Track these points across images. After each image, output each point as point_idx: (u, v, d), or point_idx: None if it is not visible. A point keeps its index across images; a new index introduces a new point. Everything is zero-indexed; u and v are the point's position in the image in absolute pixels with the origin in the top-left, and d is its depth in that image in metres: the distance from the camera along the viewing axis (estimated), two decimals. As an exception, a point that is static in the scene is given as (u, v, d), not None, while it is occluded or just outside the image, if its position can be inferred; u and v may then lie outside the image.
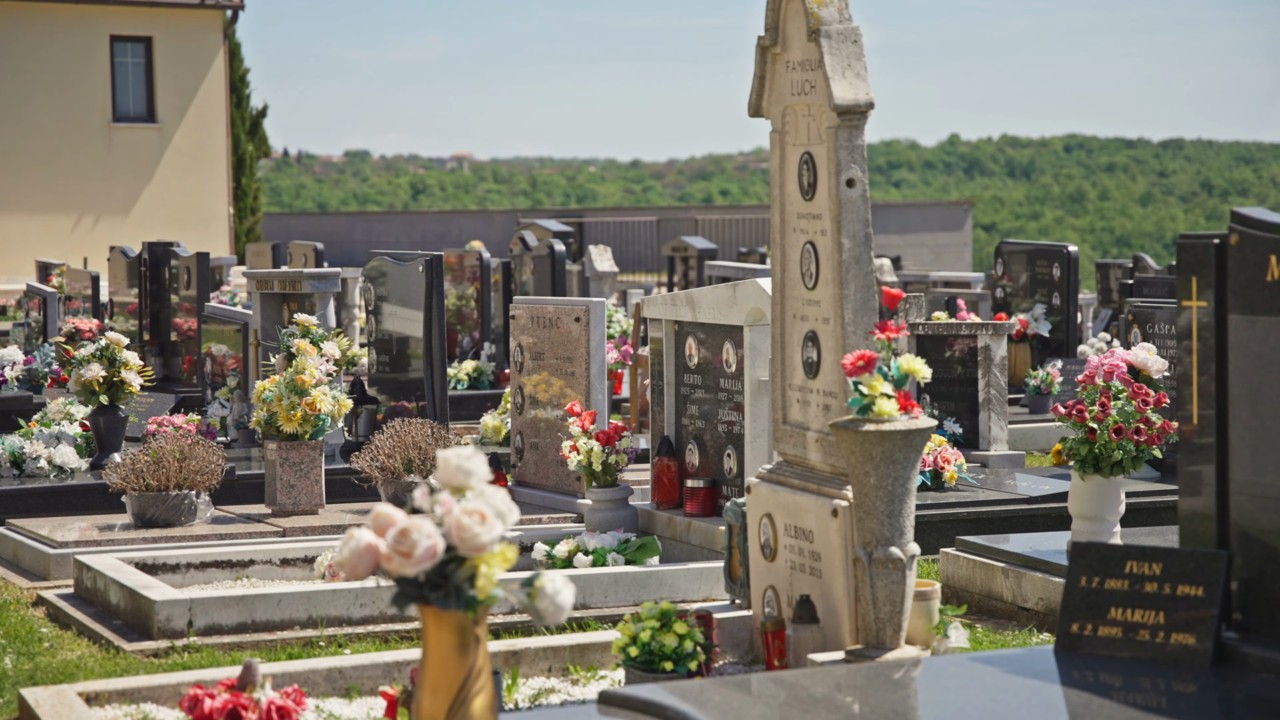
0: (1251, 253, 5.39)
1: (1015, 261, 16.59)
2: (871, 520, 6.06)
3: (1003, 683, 5.19)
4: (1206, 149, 76.95)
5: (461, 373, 15.35)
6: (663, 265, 29.98)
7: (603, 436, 8.95)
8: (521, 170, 79.22)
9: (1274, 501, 5.32)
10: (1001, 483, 9.98)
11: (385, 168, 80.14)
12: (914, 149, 79.19)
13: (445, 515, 4.18)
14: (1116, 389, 7.61)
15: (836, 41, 6.38)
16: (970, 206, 44.15)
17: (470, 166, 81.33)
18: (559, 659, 6.88)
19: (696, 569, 8.03)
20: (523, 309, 10.19)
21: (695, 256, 23.70)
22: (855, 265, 6.43)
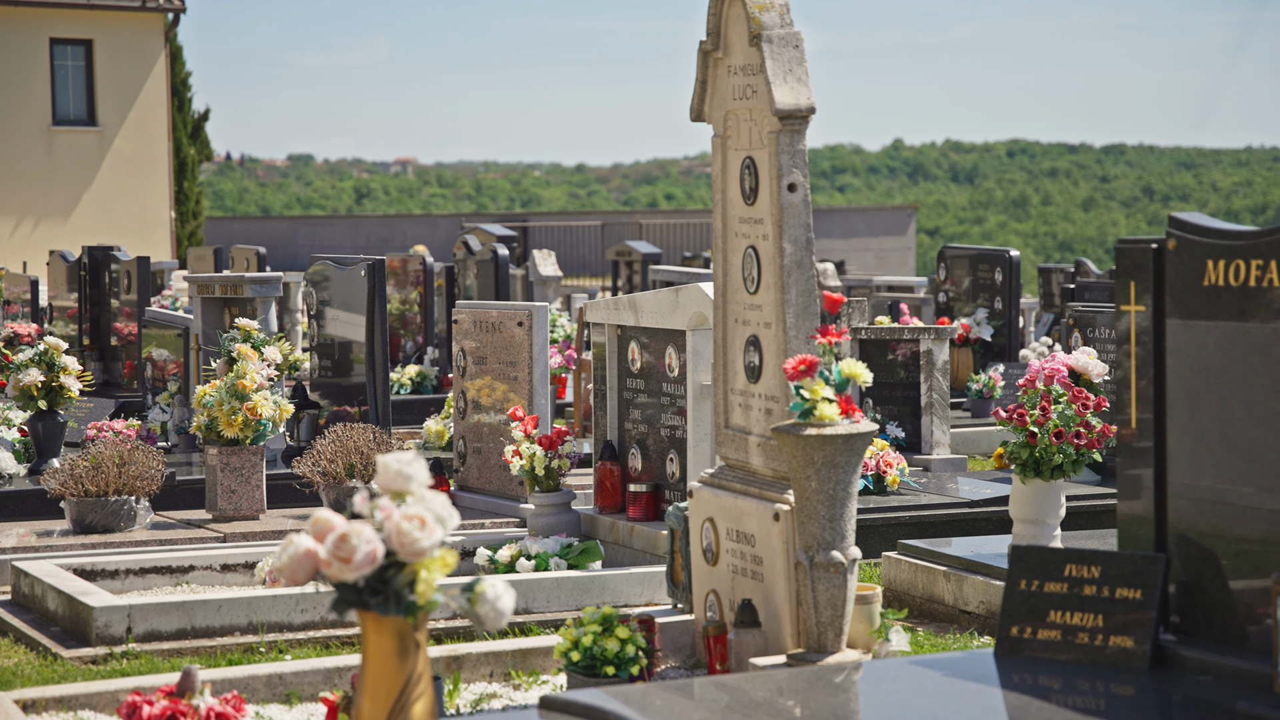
0: (1189, 257, 5.42)
1: (958, 266, 16.66)
2: (813, 524, 6.07)
3: (943, 686, 5.21)
4: (1148, 154, 77.47)
5: (405, 377, 15.31)
6: (607, 269, 29.99)
7: (545, 441, 8.93)
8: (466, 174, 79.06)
9: (1211, 504, 5.36)
10: (944, 486, 10.02)
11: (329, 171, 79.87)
12: (858, 154, 79.45)
13: (385, 520, 4.16)
14: (1057, 393, 7.65)
15: (778, 46, 6.39)
16: (914, 211, 44.33)
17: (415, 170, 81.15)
18: (501, 664, 6.86)
19: (639, 573, 8.03)
20: (466, 313, 10.17)
21: (640, 261, 23.70)
22: (797, 270, 6.44)
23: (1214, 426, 5.34)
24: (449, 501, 4.18)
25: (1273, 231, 5.18)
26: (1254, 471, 5.21)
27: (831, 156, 77.63)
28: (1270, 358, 5.16)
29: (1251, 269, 5.21)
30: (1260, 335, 5.19)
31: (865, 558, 8.87)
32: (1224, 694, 4.95)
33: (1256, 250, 5.20)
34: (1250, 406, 5.22)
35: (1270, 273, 5.16)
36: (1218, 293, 5.32)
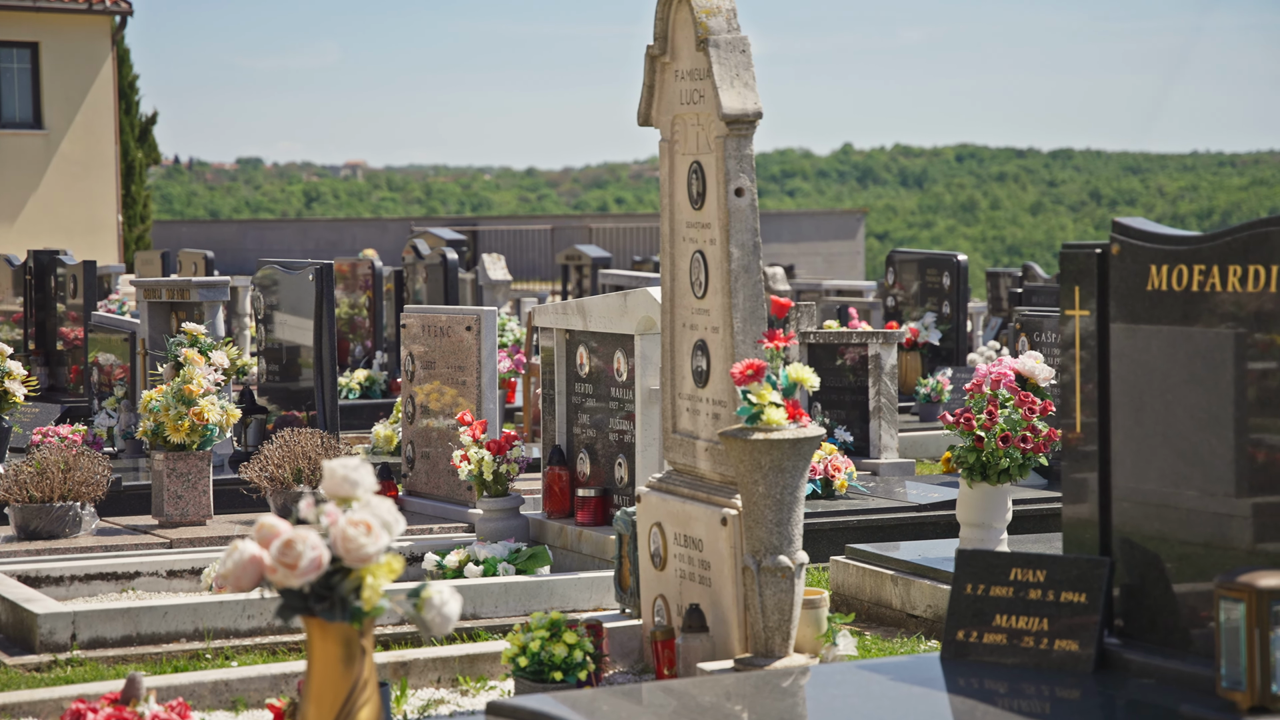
0: (1132, 262, 5.45)
1: (906, 270, 16.72)
2: (760, 529, 6.08)
3: (889, 690, 5.22)
4: (1095, 159, 77.88)
5: (353, 382, 15.26)
6: (557, 274, 29.97)
7: (494, 446, 8.92)
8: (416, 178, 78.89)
9: (1155, 508, 5.39)
10: (892, 490, 10.05)
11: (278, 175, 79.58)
12: (808, 158, 79.61)
13: (331, 526, 4.15)
14: (1004, 397, 7.69)
15: (725, 51, 6.40)
16: (863, 215, 44.46)
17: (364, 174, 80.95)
18: (448, 669, 6.85)
19: (587, 578, 8.03)
20: (414, 318, 10.15)
21: (589, 265, 23.70)
22: (744, 274, 6.45)
23: (1158, 430, 5.38)
24: (395, 507, 4.17)
25: (1215, 236, 5.22)
26: (1198, 475, 5.24)
27: (781, 161, 77.76)
28: (1213, 362, 5.20)
29: (1194, 274, 5.25)
30: (1203, 340, 5.22)
31: (813, 562, 8.89)
32: (1168, 696, 4.98)
33: (1199, 255, 5.23)
34: (1193, 410, 5.25)
35: (1212, 277, 5.19)
36: (1161, 297, 5.36)
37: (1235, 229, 5.16)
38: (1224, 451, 5.17)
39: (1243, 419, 5.11)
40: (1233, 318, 5.13)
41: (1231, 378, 5.14)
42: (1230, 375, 5.15)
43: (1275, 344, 5.01)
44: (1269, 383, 5.05)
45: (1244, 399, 5.11)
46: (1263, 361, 5.06)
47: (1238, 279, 5.12)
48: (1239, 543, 5.12)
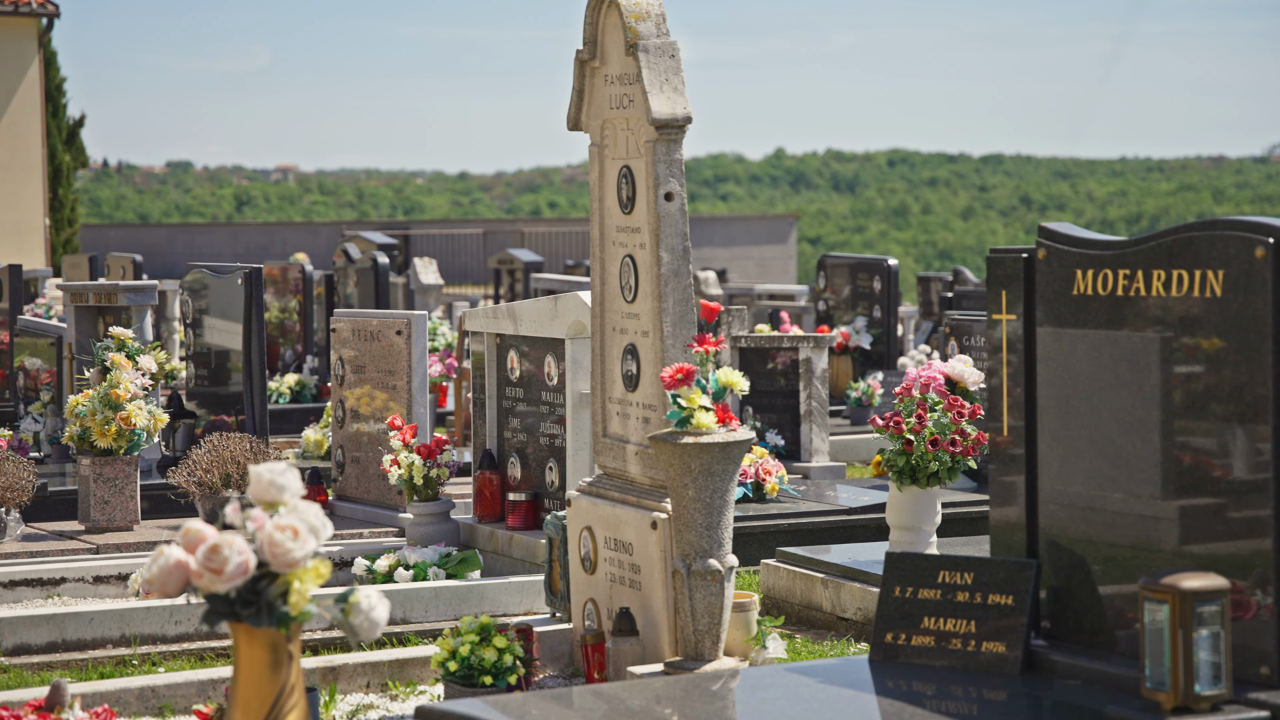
0: (1059, 267, 5.49)
1: (838, 275, 16.78)
2: (690, 532, 6.09)
3: (818, 693, 5.24)
4: (1026, 164, 78.38)
5: (284, 386, 15.19)
6: (489, 278, 29.92)
7: (424, 450, 8.90)
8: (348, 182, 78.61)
9: (1081, 510, 5.43)
10: (823, 494, 10.08)
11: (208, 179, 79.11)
12: (740, 162, 79.79)
13: (257, 531, 4.12)
14: (933, 401, 7.72)
15: (654, 56, 6.41)
16: (795, 220, 44.59)
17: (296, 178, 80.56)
18: (378, 674, 6.82)
19: (518, 582, 8.01)
20: (344, 322, 10.11)
21: (521, 269, 23.66)
22: (674, 278, 6.46)
23: (1084, 434, 5.42)
24: (322, 511, 4.16)
25: (1139, 242, 5.26)
26: (1123, 478, 5.29)
27: (714, 165, 77.91)
28: (1138, 366, 5.24)
29: (1119, 278, 5.29)
30: (1128, 344, 5.27)
31: (744, 565, 8.90)
32: (1093, 697, 5.02)
33: (1124, 260, 5.28)
34: (1119, 414, 5.29)
35: (1137, 282, 5.24)
36: (1087, 302, 5.40)
37: (1159, 234, 5.20)
38: (1150, 454, 5.22)
39: (1168, 422, 5.16)
40: (1158, 322, 5.18)
41: (1157, 381, 5.19)
42: (1156, 379, 5.19)
43: (1201, 348, 5.06)
44: (1194, 386, 5.09)
45: (1169, 402, 5.16)
46: (1188, 365, 5.11)
47: (1162, 284, 5.16)
48: (1165, 545, 5.17)
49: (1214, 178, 70.20)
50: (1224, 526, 5.02)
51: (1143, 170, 75.77)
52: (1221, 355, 5.01)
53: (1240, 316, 4.95)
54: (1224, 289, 4.99)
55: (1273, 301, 4.87)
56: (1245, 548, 4.94)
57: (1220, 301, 5.00)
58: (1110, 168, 77.23)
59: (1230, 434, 5.00)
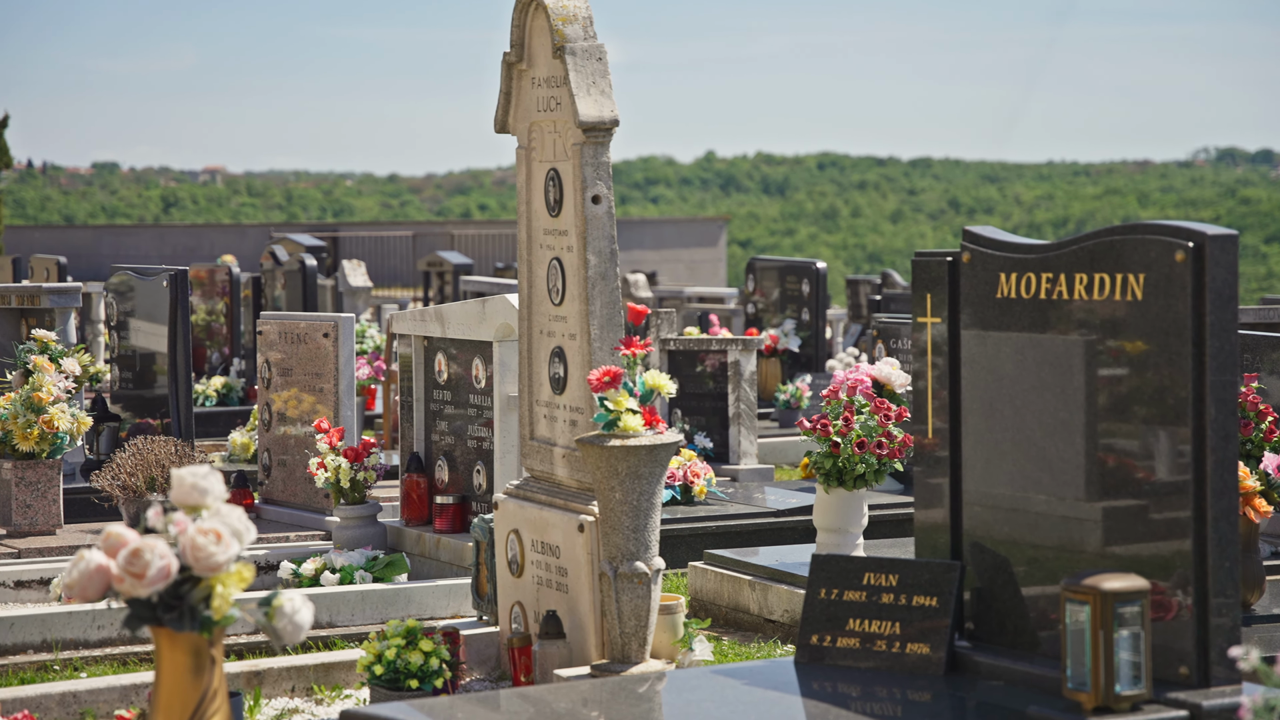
0: (983, 270, 5.53)
1: (767, 277, 16.83)
2: (617, 535, 6.09)
3: (743, 695, 5.25)
4: (954, 168, 78.79)
5: (210, 389, 15.09)
6: (419, 280, 29.83)
7: (351, 453, 8.86)
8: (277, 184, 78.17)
9: (1005, 512, 5.46)
10: (751, 496, 10.10)
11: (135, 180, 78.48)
12: (671, 165, 79.83)
13: (180, 535, 4.10)
14: (860, 403, 7.76)
15: (581, 59, 6.41)
16: (725, 223, 44.66)
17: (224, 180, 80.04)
18: (303, 678, 6.79)
19: (445, 585, 7.99)
20: (271, 324, 10.06)
21: (451, 271, 23.61)
22: (601, 281, 6.46)
23: (1008, 436, 5.45)
24: (247, 515, 4.14)
25: (1062, 245, 5.30)
26: (1047, 479, 5.32)
27: (645, 168, 77.93)
28: (1061, 369, 5.28)
29: (1043, 282, 5.33)
30: (1052, 347, 5.30)
31: (672, 567, 8.91)
32: (1016, 698, 5.05)
33: (1046, 264, 5.31)
34: (1042, 416, 5.33)
35: (1060, 285, 5.27)
36: (1011, 305, 5.43)
37: (1082, 238, 5.24)
38: (1073, 456, 5.25)
39: (1091, 424, 5.20)
40: (1081, 325, 5.22)
41: (1080, 384, 5.23)
42: (1079, 382, 5.23)
43: (1124, 351, 5.10)
44: (1117, 389, 5.13)
45: (1093, 405, 5.20)
46: (1110, 368, 5.15)
47: (1084, 287, 5.20)
48: (1088, 546, 5.20)
49: (1139, 182, 70.80)
50: (1146, 528, 5.06)
51: (1069, 174, 76.31)
52: (1143, 358, 5.05)
53: (1161, 320, 4.99)
54: (1145, 292, 5.03)
55: (1193, 305, 4.92)
56: (1166, 549, 4.99)
57: (1142, 305, 5.04)
58: (1037, 171, 77.74)
59: (1152, 436, 5.04)
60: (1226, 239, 4.93)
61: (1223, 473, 4.91)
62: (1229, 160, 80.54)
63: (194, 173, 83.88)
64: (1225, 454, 4.91)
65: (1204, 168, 77.71)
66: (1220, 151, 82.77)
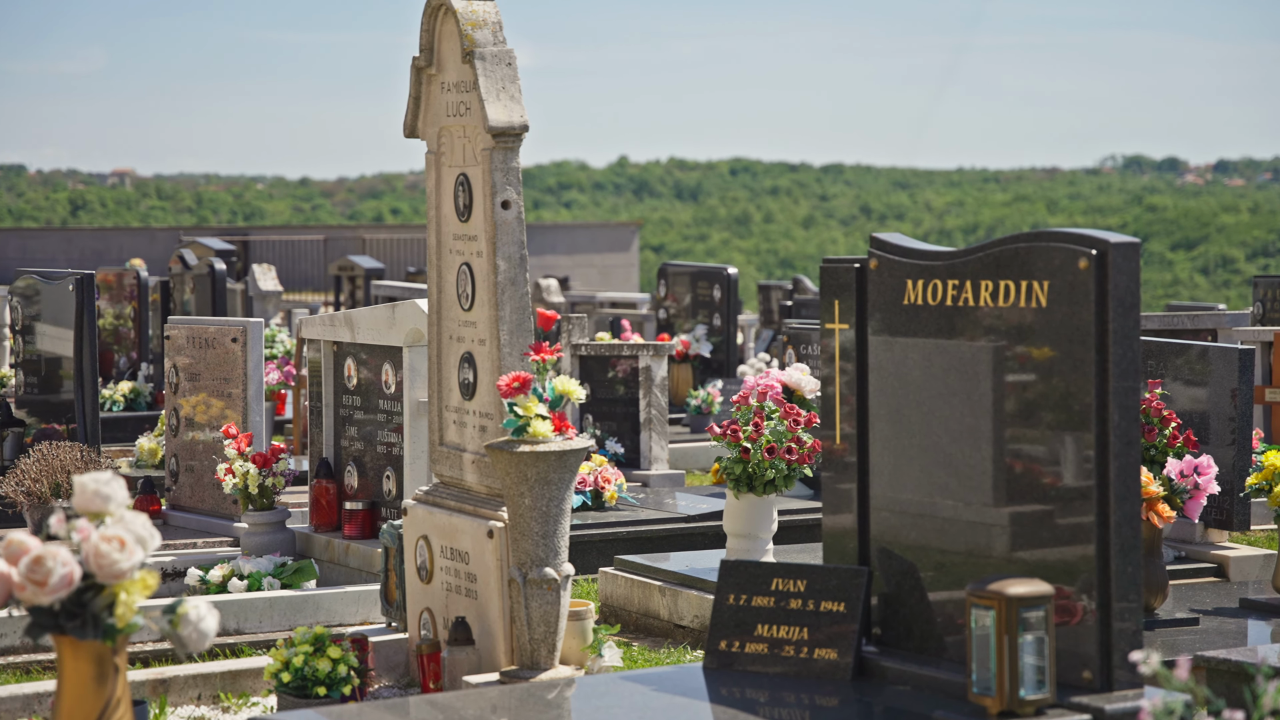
0: (890, 277, 5.56)
1: (678, 283, 16.86)
2: (526, 541, 6.09)
3: (652, 701, 5.26)
4: (865, 174, 79.20)
5: (117, 394, 14.95)
6: (330, 285, 29.68)
7: (260, 459, 8.81)
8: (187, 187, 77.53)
9: (912, 518, 5.50)
10: (662, 502, 10.11)
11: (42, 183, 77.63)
12: (584, 170, 79.82)
13: (83, 542, 4.07)
14: (770, 409, 7.78)
15: (491, 64, 6.40)
16: (638, 228, 44.70)
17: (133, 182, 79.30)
18: (209, 686, 6.74)
19: (354, 592, 7.96)
20: (179, 329, 9.98)
21: (362, 276, 23.51)
22: (511, 287, 6.46)
23: (916, 441, 5.49)
24: (152, 521, 4.11)
25: (968, 252, 5.34)
26: (955, 485, 5.36)
27: (558, 173, 77.88)
28: (968, 375, 5.32)
29: (948, 288, 5.37)
30: (958, 353, 5.34)
31: (583, 573, 8.91)
32: (922, 703, 5.08)
33: (953, 270, 5.35)
34: (950, 422, 5.37)
35: (965, 292, 5.32)
36: (918, 311, 5.47)
37: (988, 245, 5.29)
38: (980, 462, 5.29)
39: (999, 430, 5.24)
40: (987, 332, 5.26)
41: (987, 390, 5.27)
42: (985, 388, 5.27)
43: (1029, 357, 5.15)
44: (1023, 395, 5.18)
45: (1000, 411, 5.24)
46: (1016, 375, 5.19)
47: (990, 294, 5.24)
48: (995, 551, 5.24)
49: (1048, 189, 71.43)
50: (1051, 533, 5.10)
51: (979, 181, 76.89)
52: (1049, 365, 5.10)
53: (1065, 327, 5.04)
54: (1049, 299, 5.08)
55: (1096, 312, 4.97)
56: (1071, 554, 5.03)
57: (1046, 312, 5.09)
58: (948, 178, 78.29)
59: (1058, 442, 5.09)
60: (1129, 246, 4.99)
61: (1125, 478, 4.96)
62: (1135, 168, 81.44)
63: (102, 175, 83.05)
64: (1128, 459, 4.96)
65: (1111, 175, 78.54)
66: (1127, 159, 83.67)
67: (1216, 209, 58.22)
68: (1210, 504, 7.92)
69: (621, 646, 7.46)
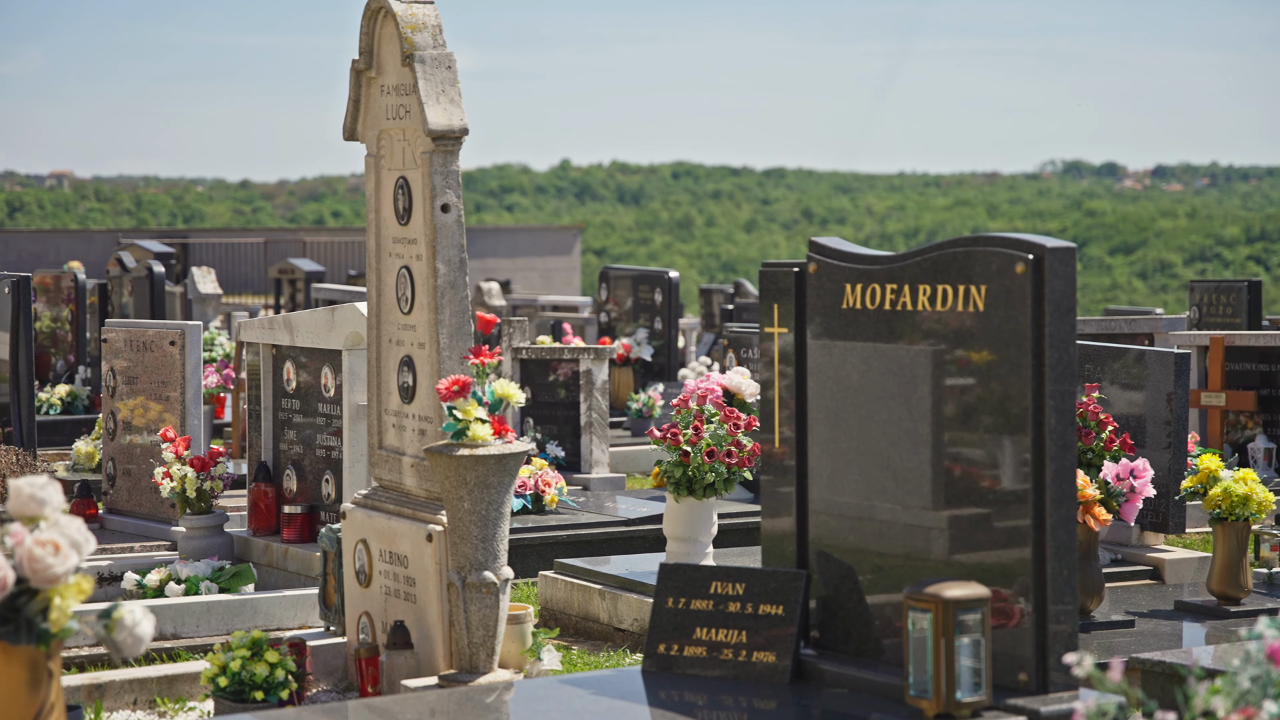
0: (829, 281, 5.58)
1: (620, 286, 16.87)
2: (466, 545, 6.08)
3: (590, 704, 5.26)
4: (807, 178, 79.41)
5: (54, 397, 14.85)
6: (271, 287, 29.56)
7: (198, 462, 8.76)
8: (126, 189, 77.04)
9: (850, 521, 5.52)
10: (602, 505, 10.11)
11: (-21, 184, 77.01)
12: (526, 173, 79.72)
13: (16, 546, 4.03)
14: (710, 413, 7.80)
15: (431, 67, 6.39)
16: (579, 231, 44.70)
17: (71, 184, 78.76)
18: (146, 691, 6.70)
19: (292, 596, 7.92)
20: (117, 332, 9.92)
21: (303, 279, 23.43)
22: (450, 290, 6.45)
23: (855, 445, 5.51)
24: (88, 525, 4.08)
25: (906, 256, 5.37)
26: (893, 488, 5.38)
27: (500, 176, 77.77)
28: (906, 379, 5.34)
29: (886, 292, 5.39)
30: (897, 357, 5.37)
31: (523, 577, 8.90)
32: (860, 705, 5.10)
33: (891, 274, 5.38)
34: (887, 425, 5.39)
35: (904, 296, 5.34)
36: (856, 315, 5.49)
37: (926, 249, 5.31)
38: (918, 465, 5.32)
39: (938, 434, 5.26)
40: (925, 336, 5.28)
41: (925, 394, 5.29)
42: (925, 391, 5.29)
43: (968, 361, 5.17)
44: (961, 399, 5.20)
45: (939, 414, 5.26)
46: (954, 378, 5.22)
47: (928, 298, 5.27)
48: (934, 554, 5.27)
49: (988, 193, 71.81)
50: (988, 536, 5.13)
51: (920, 185, 77.22)
52: (986, 369, 5.13)
53: (1002, 331, 5.07)
54: (986, 304, 5.11)
55: (1032, 316, 5.00)
56: (1008, 557, 5.06)
57: (983, 316, 5.12)
58: (889, 182, 78.60)
59: (996, 445, 5.11)
60: (1065, 251, 5.02)
61: (1061, 481, 4.99)
62: (1075, 173, 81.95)
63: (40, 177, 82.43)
64: (1063, 463, 5.00)
65: (1051, 180, 79.01)
66: (1066, 164, 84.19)
67: (1155, 214, 58.66)
68: (1146, 507, 7.98)
69: (561, 650, 7.46)
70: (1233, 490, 7.11)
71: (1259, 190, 73.37)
